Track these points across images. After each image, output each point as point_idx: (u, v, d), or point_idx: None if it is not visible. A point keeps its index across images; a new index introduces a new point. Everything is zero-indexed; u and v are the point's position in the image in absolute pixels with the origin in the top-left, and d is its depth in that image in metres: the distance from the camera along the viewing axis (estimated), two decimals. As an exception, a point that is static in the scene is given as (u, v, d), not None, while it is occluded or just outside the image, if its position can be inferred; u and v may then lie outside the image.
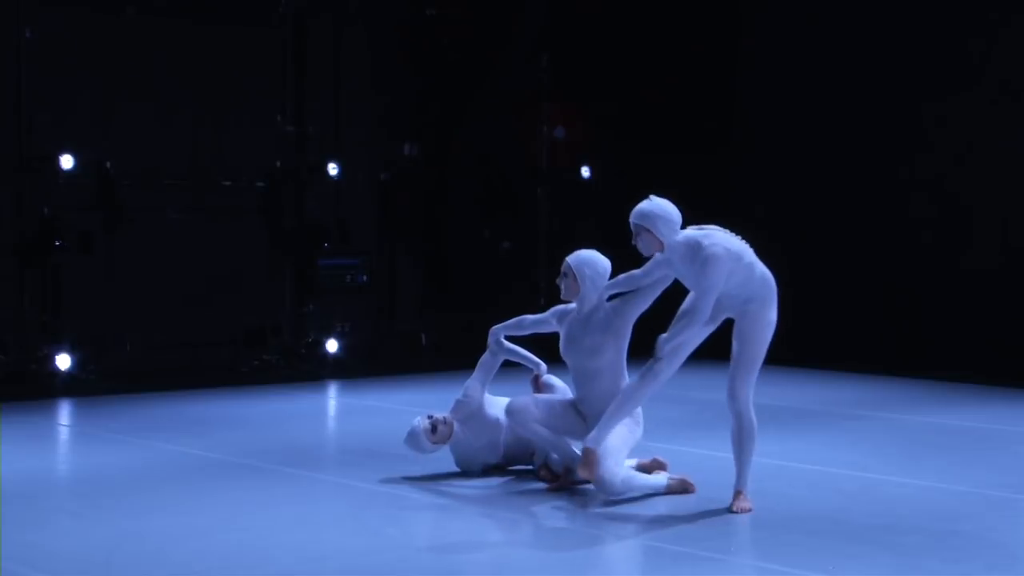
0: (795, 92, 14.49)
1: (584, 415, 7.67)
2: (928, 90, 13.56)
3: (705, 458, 8.81)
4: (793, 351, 13.66)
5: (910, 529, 6.97)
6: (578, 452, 7.40)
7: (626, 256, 7.77)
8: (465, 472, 8.13)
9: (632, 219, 7.20)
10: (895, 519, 7.17)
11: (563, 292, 7.68)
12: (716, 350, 14.51)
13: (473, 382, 8.19)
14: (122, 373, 12.26)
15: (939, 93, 13.49)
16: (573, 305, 7.78)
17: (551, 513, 7.26)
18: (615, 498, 7.32)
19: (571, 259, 7.68)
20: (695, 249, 7.07)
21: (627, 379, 7.59)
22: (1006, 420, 10.54)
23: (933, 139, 13.57)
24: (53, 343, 12.14)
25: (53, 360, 12.03)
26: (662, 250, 7.18)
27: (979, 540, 6.79)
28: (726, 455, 8.88)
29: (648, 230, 7.13)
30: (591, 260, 7.68)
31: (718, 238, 7.14)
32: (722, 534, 6.83)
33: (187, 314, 12.99)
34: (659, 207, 7.16)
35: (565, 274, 7.66)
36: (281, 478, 8.15)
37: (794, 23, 14.62)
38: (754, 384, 7.26)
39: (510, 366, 8.37)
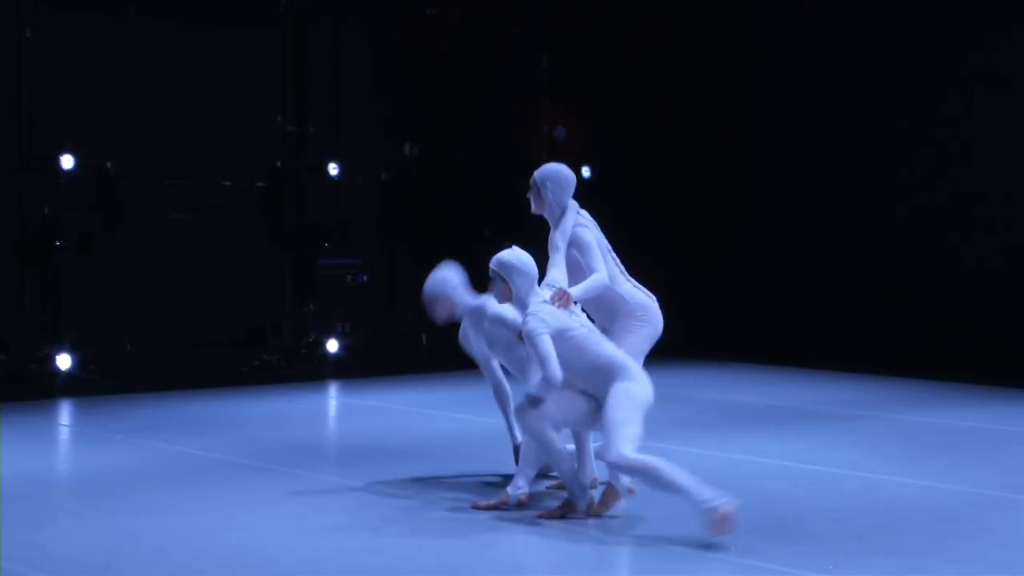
0: (796, 93, 14.49)
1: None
2: (927, 92, 13.56)
3: (705, 458, 8.81)
4: (793, 351, 13.71)
5: (910, 529, 6.98)
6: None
7: (627, 252, 7.77)
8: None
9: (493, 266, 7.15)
10: (895, 519, 7.18)
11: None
12: (717, 350, 14.57)
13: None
14: (122, 373, 12.26)
15: (939, 95, 13.49)
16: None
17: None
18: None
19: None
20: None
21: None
22: (1006, 420, 10.54)
23: (933, 141, 13.57)
24: (54, 343, 12.14)
25: (54, 360, 12.03)
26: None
27: (979, 540, 6.79)
28: (726, 455, 8.91)
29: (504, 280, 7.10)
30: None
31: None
32: (722, 534, 6.83)
33: (187, 314, 12.99)
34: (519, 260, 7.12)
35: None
36: (281, 478, 8.15)
37: (796, 22, 14.61)
38: None
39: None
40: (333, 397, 12.17)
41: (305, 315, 13.78)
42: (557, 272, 7.31)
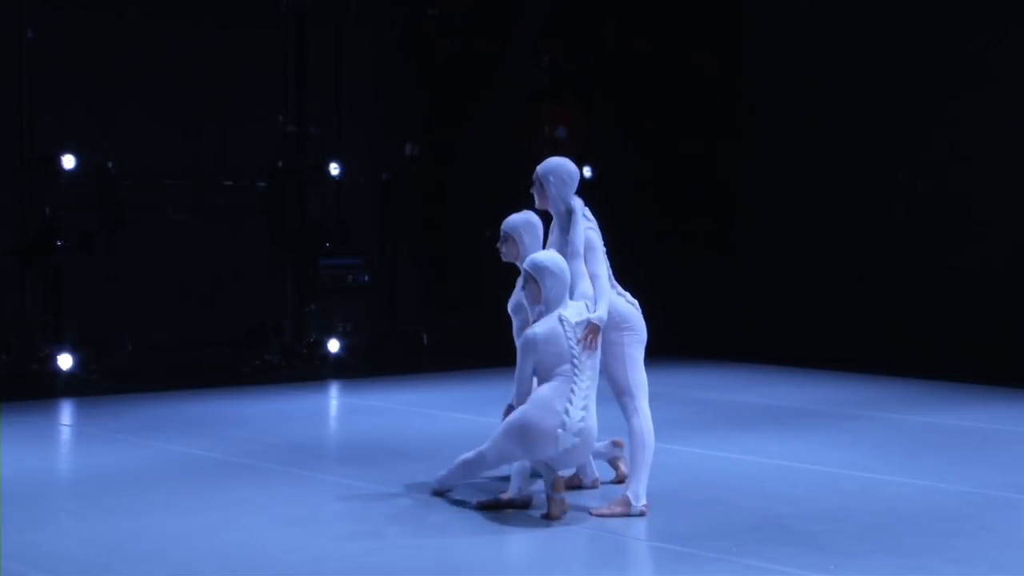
0: (797, 93, 14.49)
1: None
2: (928, 91, 13.55)
3: (705, 458, 8.82)
4: (793, 351, 13.71)
5: (911, 529, 6.98)
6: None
7: (628, 252, 7.77)
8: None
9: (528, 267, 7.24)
10: (896, 519, 7.18)
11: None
12: (717, 350, 14.56)
13: None
14: (123, 373, 12.26)
15: (939, 94, 13.48)
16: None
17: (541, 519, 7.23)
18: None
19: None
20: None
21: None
22: (1007, 420, 10.53)
23: (933, 142, 13.56)
24: (54, 343, 12.14)
25: (54, 360, 12.03)
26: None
27: (980, 540, 6.79)
28: (726, 455, 8.91)
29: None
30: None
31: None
32: (722, 534, 6.83)
33: (188, 314, 12.99)
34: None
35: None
36: (282, 478, 8.15)
37: (797, 22, 14.61)
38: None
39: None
40: (334, 397, 12.17)
41: (306, 315, 13.78)
42: (585, 284, 7.28)
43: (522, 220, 7.67)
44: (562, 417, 6.98)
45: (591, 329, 7.10)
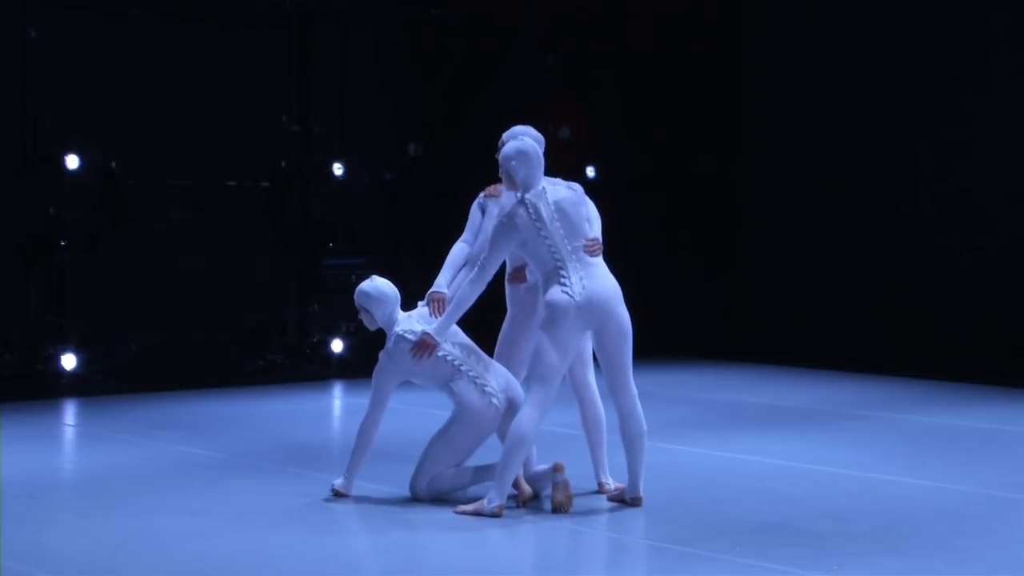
0: (798, 92, 14.49)
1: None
2: (930, 89, 13.56)
3: (708, 458, 8.82)
4: (796, 351, 13.71)
5: (914, 529, 6.98)
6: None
7: (629, 252, 7.77)
8: None
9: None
10: (899, 519, 7.18)
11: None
12: (719, 350, 14.55)
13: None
14: (127, 373, 12.26)
15: (941, 92, 13.49)
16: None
17: (551, 513, 7.25)
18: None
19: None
20: None
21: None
22: (1009, 420, 10.53)
23: (935, 138, 13.56)
24: (58, 343, 12.14)
25: (58, 360, 12.04)
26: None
27: (983, 540, 6.79)
28: (729, 455, 8.91)
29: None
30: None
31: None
32: (724, 534, 6.84)
33: (192, 314, 13.00)
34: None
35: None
36: (285, 478, 8.16)
37: (799, 22, 14.61)
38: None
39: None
40: (337, 397, 12.17)
41: (309, 315, 13.78)
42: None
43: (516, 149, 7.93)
44: (484, 388, 7.40)
45: (419, 342, 7.68)
